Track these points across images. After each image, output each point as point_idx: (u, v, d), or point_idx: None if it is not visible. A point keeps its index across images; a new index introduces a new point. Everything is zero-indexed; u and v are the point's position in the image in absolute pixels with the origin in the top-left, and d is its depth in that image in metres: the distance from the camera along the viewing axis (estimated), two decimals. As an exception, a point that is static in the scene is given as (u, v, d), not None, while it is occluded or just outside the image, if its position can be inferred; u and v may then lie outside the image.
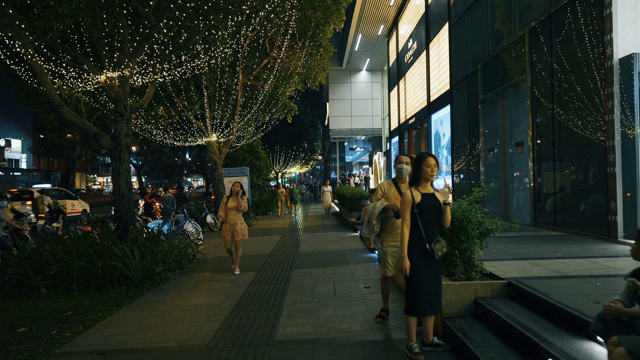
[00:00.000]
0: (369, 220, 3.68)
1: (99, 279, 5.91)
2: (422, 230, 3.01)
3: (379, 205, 3.66)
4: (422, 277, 3.02)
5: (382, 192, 3.78)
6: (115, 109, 7.35)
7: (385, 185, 3.81)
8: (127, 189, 7.32)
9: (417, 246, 3.04)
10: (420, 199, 3.03)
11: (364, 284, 5.53)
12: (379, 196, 3.80)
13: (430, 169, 3.05)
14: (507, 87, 8.29)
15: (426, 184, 3.11)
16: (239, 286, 5.75)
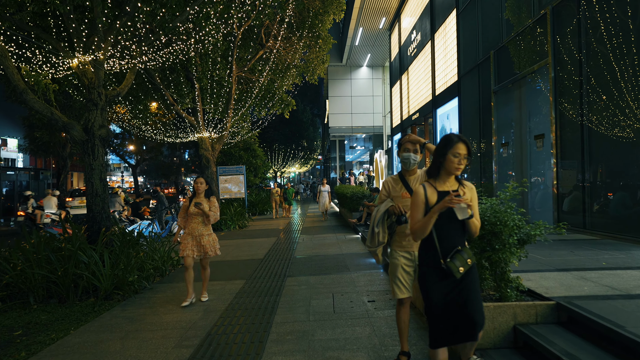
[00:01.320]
0: (371, 229, 2.83)
1: (62, 289, 5.12)
2: (436, 241, 2.21)
3: (382, 208, 2.82)
4: (438, 300, 2.20)
5: (387, 190, 2.93)
6: (89, 97, 6.57)
7: (390, 183, 2.95)
8: (102, 187, 6.54)
9: (430, 261, 2.24)
10: (437, 200, 2.21)
11: (367, 297, 4.74)
12: (383, 196, 2.95)
13: (458, 159, 2.19)
14: (525, 74, 7.50)
15: (448, 178, 2.29)
16: (223, 299, 4.96)
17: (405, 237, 2.78)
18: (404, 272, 2.80)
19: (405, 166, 2.89)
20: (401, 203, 2.80)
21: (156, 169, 53.62)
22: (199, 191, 4.85)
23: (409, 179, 2.89)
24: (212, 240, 4.89)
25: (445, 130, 12.61)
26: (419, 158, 2.87)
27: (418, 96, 15.51)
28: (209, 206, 4.79)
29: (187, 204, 4.86)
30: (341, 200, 15.04)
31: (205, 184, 4.87)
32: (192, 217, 4.78)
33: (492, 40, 9.02)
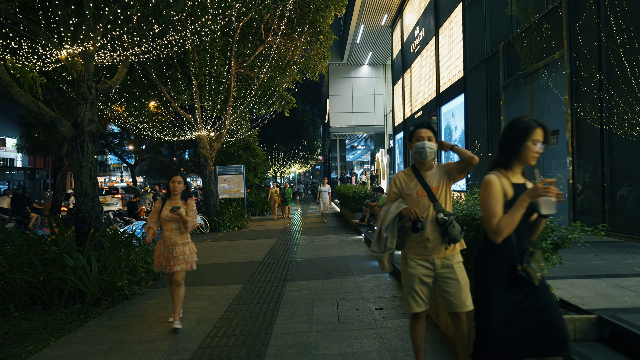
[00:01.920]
0: (379, 232, 2.43)
1: (45, 295, 4.76)
2: (514, 241, 1.88)
3: (393, 210, 2.40)
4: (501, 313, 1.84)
5: (398, 187, 2.50)
6: (78, 90, 6.21)
7: (401, 178, 2.50)
8: (91, 186, 6.18)
9: (499, 267, 1.90)
10: (513, 194, 1.88)
11: (374, 304, 4.38)
12: (393, 194, 2.53)
13: (537, 147, 1.87)
14: (537, 68, 7.14)
15: (520, 169, 1.98)
16: (219, 305, 4.60)
17: (423, 242, 2.39)
18: (422, 284, 2.41)
19: (421, 157, 2.45)
20: (416, 203, 2.40)
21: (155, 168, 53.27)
22: (175, 192, 4.00)
23: (424, 174, 2.46)
24: (187, 251, 4.01)
25: (450, 128, 12.25)
26: (436, 147, 2.47)
27: (421, 94, 15.15)
28: (186, 210, 3.96)
29: (159, 206, 4.01)
30: (343, 200, 14.67)
31: (184, 183, 4.07)
32: (166, 222, 3.96)
33: (501, 33, 8.67)
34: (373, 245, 2.48)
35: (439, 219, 2.30)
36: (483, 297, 1.91)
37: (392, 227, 2.37)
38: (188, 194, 4.08)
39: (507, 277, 1.87)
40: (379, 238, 2.43)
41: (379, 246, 2.43)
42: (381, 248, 2.41)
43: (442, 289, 2.42)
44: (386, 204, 2.54)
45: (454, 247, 2.40)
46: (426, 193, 2.41)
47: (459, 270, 2.41)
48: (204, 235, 11.60)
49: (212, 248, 8.98)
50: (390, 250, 2.40)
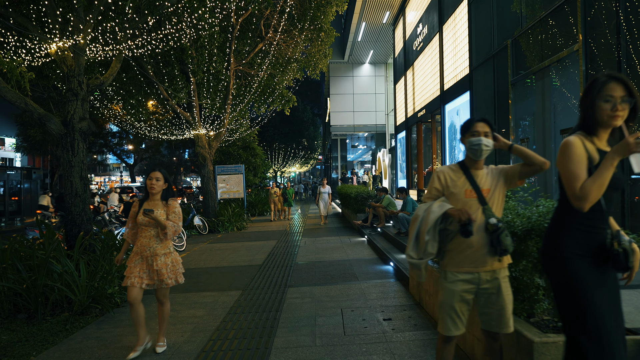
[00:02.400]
0: (417, 234, 2.09)
1: (30, 303, 4.46)
2: (605, 208, 1.67)
3: (437, 209, 2.06)
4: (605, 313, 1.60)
5: (442, 184, 2.17)
6: (68, 86, 5.92)
7: (447, 174, 2.19)
8: (82, 186, 5.88)
9: (582, 245, 1.67)
10: (600, 159, 1.66)
11: (382, 313, 4.08)
12: (434, 191, 2.20)
13: (612, 104, 1.64)
14: (549, 63, 6.84)
15: (605, 134, 1.73)
16: (214, 315, 4.30)
17: (467, 252, 2.07)
18: (463, 302, 2.10)
19: (474, 155, 2.13)
20: (462, 204, 2.09)
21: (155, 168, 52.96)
22: (153, 191, 3.31)
23: (475, 173, 2.15)
24: (170, 263, 3.34)
25: (455, 127, 11.95)
26: (492, 145, 2.15)
27: (424, 92, 14.85)
28: (167, 213, 3.30)
29: (135, 210, 3.39)
30: (344, 200, 14.37)
31: (164, 180, 3.37)
32: (143, 229, 3.30)
33: (510, 28, 8.36)
34: (409, 249, 2.12)
35: (489, 226, 1.97)
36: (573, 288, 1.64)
37: (434, 230, 2.05)
38: (170, 193, 3.41)
39: (591, 257, 1.63)
40: (417, 241, 2.09)
41: (418, 251, 2.08)
42: (420, 253, 2.07)
43: (483, 305, 2.12)
44: (424, 201, 2.20)
45: (502, 260, 2.10)
46: (476, 194, 2.09)
47: (505, 286, 2.10)
48: (202, 236, 11.30)
49: (210, 250, 8.69)
50: (431, 256, 2.07)
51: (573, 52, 6.22)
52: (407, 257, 2.12)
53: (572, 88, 6.46)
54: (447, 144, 12.48)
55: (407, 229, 7.45)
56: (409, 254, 2.11)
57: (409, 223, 6.85)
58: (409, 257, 2.12)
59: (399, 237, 7.28)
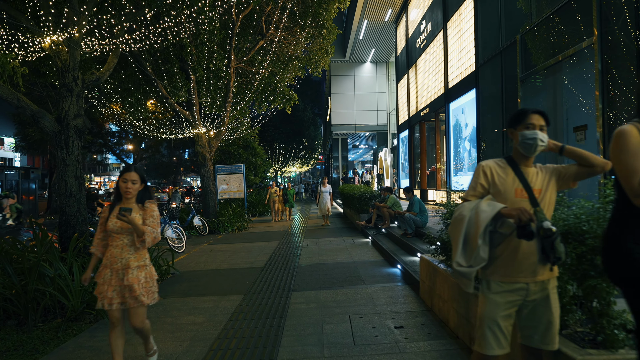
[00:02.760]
0: (465, 238, 1.85)
1: (20, 309, 4.23)
2: None
3: (487, 207, 1.80)
4: None
5: (489, 181, 1.92)
6: (63, 82, 5.68)
7: (494, 169, 1.93)
8: (77, 186, 5.65)
9: None
10: None
11: (393, 320, 3.84)
12: (479, 188, 1.94)
13: None
14: (561, 58, 6.60)
15: None
16: (215, 321, 4.07)
17: (516, 259, 1.83)
18: (508, 317, 1.86)
19: (527, 151, 1.88)
20: (511, 204, 1.84)
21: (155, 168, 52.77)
22: (127, 194, 2.75)
23: (525, 171, 1.91)
24: (144, 278, 2.77)
25: (460, 126, 11.72)
26: (547, 142, 1.91)
27: (428, 90, 14.62)
28: (143, 217, 2.77)
29: (106, 215, 2.83)
30: (347, 200, 14.12)
31: (140, 181, 2.80)
32: (114, 236, 2.74)
33: (519, 23, 8.13)
34: (457, 256, 1.86)
35: (542, 230, 1.71)
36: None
37: (485, 234, 1.80)
38: (146, 195, 2.87)
39: None
40: (466, 246, 1.83)
41: (467, 257, 1.82)
42: (470, 260, 1.81)
43: (527, 318, 1.88)
44: (468, 198, 1.95)
45: (554, 269, 1.87)
46: (527, 194, 1.85)
47: (554, 297, 1.87)
48: (202, 237, 11.07)
49: (210, 252, 8.46)
50: (483, 262, 1.81)
51: (587, 46, 5.99)
52: (455, 265, 1.85)
53: (586, 83, 6.23)
54: (451, 143, 12.25)
55: (414, 229, 7.21)
56: (456, 262, 1.85)
57: (415, 224, 6.58)
58: (456, 265, 1.85)
59: (406, 239, 7.05)
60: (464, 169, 11.37)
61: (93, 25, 5.72)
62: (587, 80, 6.24)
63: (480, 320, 1.89)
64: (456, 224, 1.88)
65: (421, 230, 7.09)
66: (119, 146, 34.11)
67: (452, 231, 1.92)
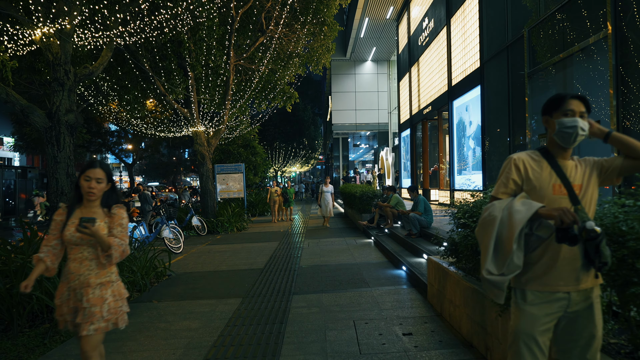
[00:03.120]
0: (497, 242, 1.60)
1: (4, 314, 4.00)
2: None
3: (521, 207, 1.57)
4: None
5: (521, 175, 1.69)
6: (54, 75, 5.46)
7: (527, 163, 1.69)
8: (69, 184, 5.42)
9: None
10: None
11: (400, 327, 3.61)
12: (511, 184, 1.70)
13: None
14: (572, 52, 6.37)
15: None
16: (211, 327, 3.84)
17: (554, 265, 1.60)
18: (545, 332, 1.62)
19: (565, 141, 1.64)
20: (549, 203, 1.61)
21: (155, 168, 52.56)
22: (90, 196, 2.19)
23: (563, 165, 1.67)
24: (111, 297, 2.23)
25: (464, 124, 11.49)
26: (588, 131, 1.66)
27: (430, 88, 14.39)
28: (109, 225, 2.22)
29: (61, 219, 2.24)
30: (348, 200, 13.89)
31: (107, 180, 2.25)
32: (73, 247, 2.21)
33: (526, 17, 7.90)
34: (487, 263, 1.61)
35: (586, 232, 1.47)
36: None
37: (520, 238, 1.56)
38: (113, 197, 2.30)
39: None
40: (498, 251, 1.59)
41: (499, 264, 1.59)
42: (502, 267, 1.57)
43: (565, 331, 1.65)
44: (498, 196, 1.71)
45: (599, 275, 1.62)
46: (566, 191, 1.62)
47: (598, 308, 1.63)
48: (200, 237, 10.84)
49: (208, 252, 8.23)
50: (517, 270, 1.57)
51: (599, 40, 5.75)
52: (484, 274, 1.60)
53: (598, 79, 6.00)
54: (455, 142, 12.02)
55: (419, 230, 6.98)
56: (486, 269, 1.60)
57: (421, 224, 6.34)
58: (486, 273, 1.60)
59: (410, 239, 6.82)
60: (467, 168, 11.14)
61: (85, 16, 5.48)
62: (599, 76, 6.02)
63: (514, 336, 1.65)
64: (485, 226, 1.64)
65: (426, 230, 6.86)
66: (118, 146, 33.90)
67: (480, 234, 1.68)
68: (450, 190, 12.02)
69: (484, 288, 1.67)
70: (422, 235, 6.95)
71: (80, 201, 2.27)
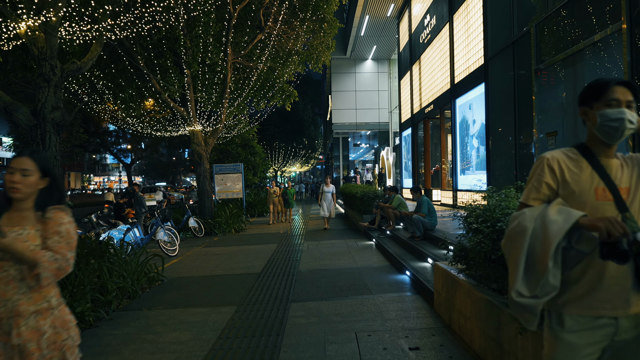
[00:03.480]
0: (529, 257, 1.32)
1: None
2: None
3: (557, 217, 1.29)
4: None
5: (557, 178, 1.42)
6: (39, 71, 5.19)
7: (563, 163, 1.43)
8: (55, 185, 5.13)
9: None
10: None
11: (406, 340, 3.34)
12: (545, 189, 1.43)
13: None
14: (584, 46, 6.10)
15: None
16: (203, 340, 3.56)
17: (599, 285, 1.33)
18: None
19: (609, 137, 1.38)
20: (592, 210, 1.35)
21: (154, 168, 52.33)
22: (13, 192, 1.66)
23: (607, 165, 1.40)
24: (51, 329, 1.69)
25: (467, 122, 11.22)
26: (638, 124, 1.38)
27: (432, 86, 14.12)
28: (43, 234, 1.68)
29: None
30: (349, 201, 13.61)
31: (39, 173, 1.71)
32: None
33: (532, 11, 7.63)
34: (517, 283, 1.32)
35: (637, 245, 1.21)
36: None
37: (557, 253, 1.29)
38: (52, 197, 1.75)
39: None
40: (530, 270, 1.32)
41: (531, 285, 1.32)
42: (535, 288, 1.30)
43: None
44: (528, 203, 1.43)
45: None
46: (612, 196, 1.34)
47: None
48: (197, 239, 10.58)
49: (204, 255, 7.96)
50: (554, 291, 1.30)
51: (612, 34, 5.48)
52: (514, 295, 1.33)
53: (612, 73, 5.73)
54: (458, 141, 11.75)
55: (422, 232, 6.71)
56: (516, 291, 1.32)
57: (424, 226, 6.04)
58: (516, 295, 1.32)
59: (414, 242, 6.55)
60: (471, 168, 10.86)
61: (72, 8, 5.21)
62: (612, 71, 5.74)
63: None
64: (514, 239, 1.37)
65: (430, 233, 6.59)
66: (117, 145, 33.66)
67: (508, 248, 1.40)
68: (453, 190, 11.75)
69: (512, 310, 1.40)
70: (426, 238, 6.68)
71: (9, 205, 1.70)
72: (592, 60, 6.26)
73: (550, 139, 7.06)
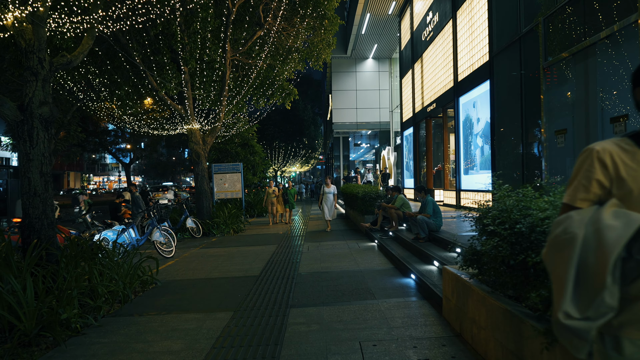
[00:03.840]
0: (579, 271, 1.04)
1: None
2: None
3: (614, 222, 1.02)
4: None
5: (610, 175, 1.14)
6: (27, 64, 4.95)
7: (617, 157, 1.14)
8: (42, 184, 4.90)
9: None
10: None
11: (415, 350, 3.09)
12: (595, 189, 1.14)
13: None
14: (595, 40, 5.86)
15: None
16: (196, 350, 3.32)
17: None
18: None
19: None
20: None
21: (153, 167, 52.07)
22: None
23: None
24: None
25: (471, 121, 10.97)
26: None
27: (435, 85, 13.87)
28: None
29: None
30: (349, 201, 13.36)
31: None
32: None
33: (539, 5, 7.39)
34: (565, 303, 1.08)
35: None
36: None
37: (616, 264, 1.04)
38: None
39: None
40: (581, 288, 1.08)
41: (583, 305, 1.07)
42: (588, 309, 1.06)
43: None
44: (576, 205, 1.18)
45: None
46: None
47: None
48: (195, 240, 10.34)
49: (201, 257, 7.72)
50: (611, 312, 1.06)
51: (627, 25, 5.23)
52: (561, 317, 1.06)
53: (626, 68, 5.49)
54: (461, 140, 11.50)
55: (427, 233, 6.46)
56: (564, 312, 1.07)
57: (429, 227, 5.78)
58: (564, 317, 1.07)
59: (418, 244, 6.30)
60: (475, 167, 10.62)
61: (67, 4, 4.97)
62: (628, 63, 5.50)
63: None
64: (560, 249, 1.11)
65: (435, 234, 6.34)
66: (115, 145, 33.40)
67: (551, 260, 1.14)
68: (456, 190, 11.51)
69: (557, 335, 1.15)
70: (431, 240, 6.43)
71: None
72: (605, 54, 6.01)
73: (560, 137, 6.81)
